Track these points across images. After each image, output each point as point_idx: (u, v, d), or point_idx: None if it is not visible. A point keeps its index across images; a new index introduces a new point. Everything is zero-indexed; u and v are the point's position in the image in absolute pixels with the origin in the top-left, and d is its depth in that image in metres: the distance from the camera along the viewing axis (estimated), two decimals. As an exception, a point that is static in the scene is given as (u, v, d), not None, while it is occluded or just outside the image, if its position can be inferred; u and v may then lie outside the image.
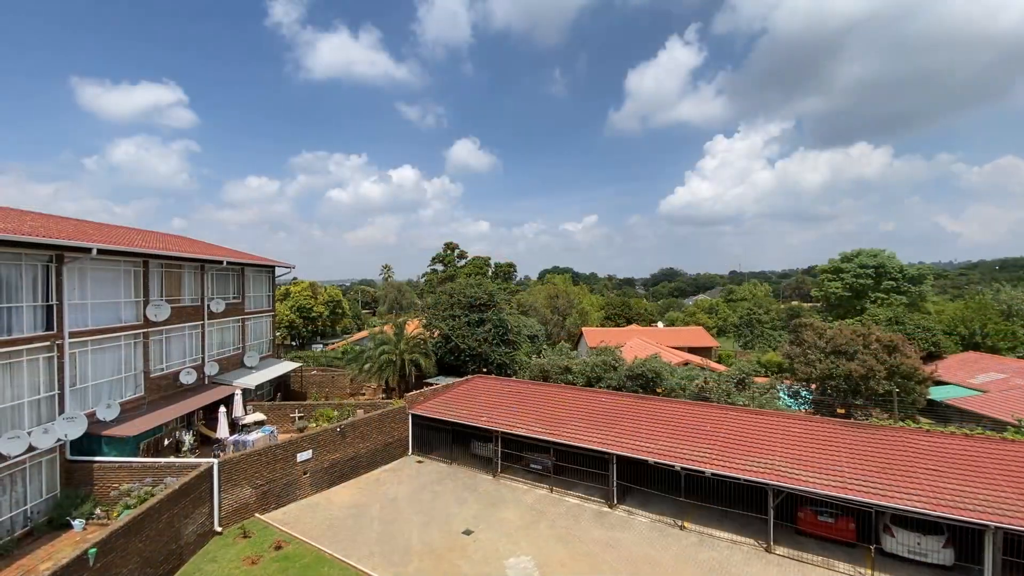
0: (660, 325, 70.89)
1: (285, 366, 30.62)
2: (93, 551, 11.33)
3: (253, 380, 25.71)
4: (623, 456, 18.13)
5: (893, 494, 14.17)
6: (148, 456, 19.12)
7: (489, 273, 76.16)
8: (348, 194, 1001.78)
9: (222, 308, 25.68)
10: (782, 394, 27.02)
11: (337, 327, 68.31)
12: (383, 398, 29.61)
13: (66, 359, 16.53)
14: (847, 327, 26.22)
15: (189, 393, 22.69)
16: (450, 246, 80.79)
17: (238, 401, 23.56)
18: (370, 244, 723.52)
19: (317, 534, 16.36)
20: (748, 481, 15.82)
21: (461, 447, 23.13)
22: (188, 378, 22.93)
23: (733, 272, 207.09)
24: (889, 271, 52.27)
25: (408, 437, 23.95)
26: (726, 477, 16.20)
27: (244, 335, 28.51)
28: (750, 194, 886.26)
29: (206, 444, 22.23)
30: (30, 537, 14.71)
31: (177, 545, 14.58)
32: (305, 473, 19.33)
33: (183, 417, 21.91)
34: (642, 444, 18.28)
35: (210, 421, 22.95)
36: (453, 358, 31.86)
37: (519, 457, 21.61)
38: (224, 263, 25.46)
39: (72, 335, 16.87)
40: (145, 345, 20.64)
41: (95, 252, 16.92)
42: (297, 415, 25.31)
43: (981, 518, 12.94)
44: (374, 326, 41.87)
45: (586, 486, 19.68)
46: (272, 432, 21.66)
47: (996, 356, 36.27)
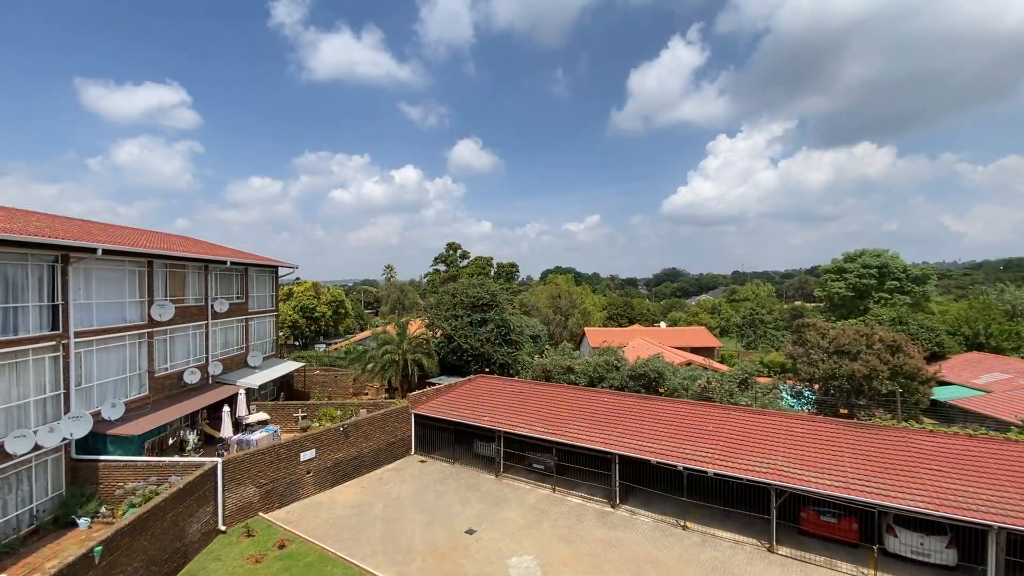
0: (663, 325, 70.73)
1: (288, 366, 30.74)
2: (99, 549, 11.43)
3: (257, 380, 25.84)
4: (626, 456, 18.13)
5: (896, 494, 14.14)
6: (152, 455, 19.25)
7: (491, 273, 76.14)
8: (351, 194, 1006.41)
9: (226, 308, 25.78)
10: (785, 394, 26.98)
11: (340, 327, 68.42)
12: (386, 398, 29.69)
13: (71, 359, 16.63)
14: (850, 327, 26.14)
15: (193, 393, 22.80)
16: (452, 246, 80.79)
17: (242, 401, 23.67)
18: (373, 244, 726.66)
19: (320, 533, 16.43)
20: (751, 481, 15.81)
21: (464, 447, 23.19)
22: (192, 378, 23.05)
23: (736, 272, 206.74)
24: (893, 271, 52.05)
25: (411, 437, 24.02)
26: (729, 477, 16.20)
27: (248, 335, 28.62)
28: (753, 194, 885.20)
29: (210, 443, 22.31)
30: (36, 535, 14.80)
31: (182, 543, 14.69)
32: (308, 472, 19.42)
33: (187, 416, 22.01)
34: (645, 444, 18.29)
35: (214, 420, 23.07)
36: (456, 358, 31.93)
37: (522, 457, 21.65)
38: (228, 263, 25.61)
39: (77, 335, 16.96)
40: (150, 345, 20.75)
41: (100, 252, 17.01)
42: (300, 415, 25.41)
43: (984, 518, 12.91)
44: (377, 326, 41.86)
45: (589, 486, 19.69)
46: (276, 431, 21.73)
47: (1000, 356, 36.18)
